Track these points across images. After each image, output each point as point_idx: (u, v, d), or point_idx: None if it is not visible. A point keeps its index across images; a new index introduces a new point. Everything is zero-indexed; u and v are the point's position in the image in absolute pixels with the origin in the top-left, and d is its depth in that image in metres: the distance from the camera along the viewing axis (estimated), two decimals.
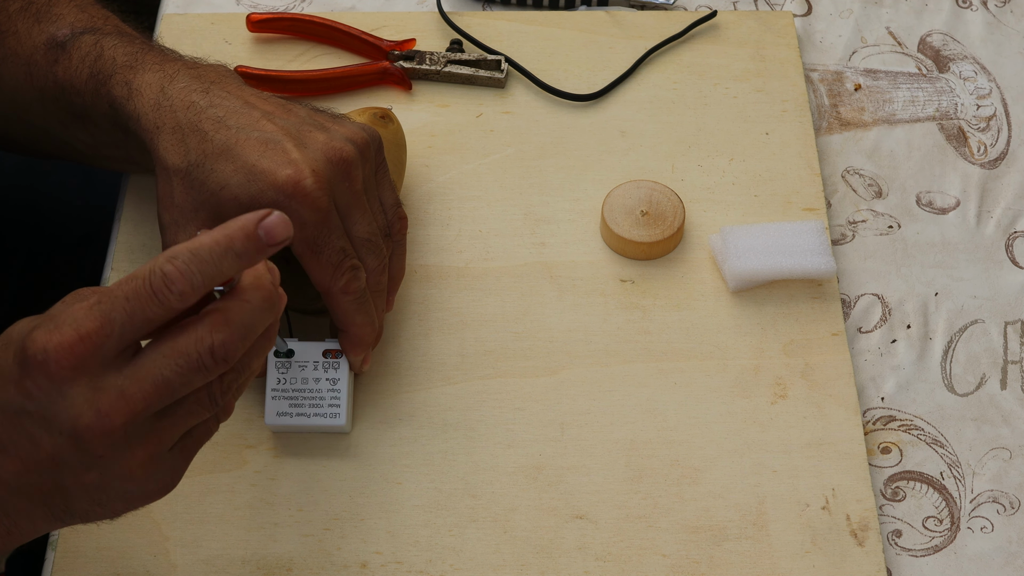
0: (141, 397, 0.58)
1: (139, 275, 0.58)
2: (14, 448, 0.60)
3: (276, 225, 0.59)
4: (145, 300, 0.58)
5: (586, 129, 0.92)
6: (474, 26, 0.97)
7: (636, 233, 0.85)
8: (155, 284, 0.58)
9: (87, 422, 0.58)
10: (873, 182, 0.91)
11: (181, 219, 0.72)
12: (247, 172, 0.70)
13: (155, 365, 0.59)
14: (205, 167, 0.71)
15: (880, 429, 0.80)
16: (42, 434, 0.59)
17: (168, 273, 0.58)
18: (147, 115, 0.73)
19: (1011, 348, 0.83)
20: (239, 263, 0.59)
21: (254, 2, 1.00)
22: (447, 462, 0.78)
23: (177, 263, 0.58)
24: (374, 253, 0.74)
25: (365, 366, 0.78)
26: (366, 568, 0.74)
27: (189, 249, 0.58)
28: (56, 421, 0.58)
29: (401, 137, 0.86)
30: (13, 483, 0.60)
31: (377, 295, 0.76)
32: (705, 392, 0.80)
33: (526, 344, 0.82)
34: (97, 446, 0.59)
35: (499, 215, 0.88)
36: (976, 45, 0.98)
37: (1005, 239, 0.88)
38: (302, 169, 0.70)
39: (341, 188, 0.72)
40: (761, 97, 0.94)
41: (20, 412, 0.59)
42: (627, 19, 0.98)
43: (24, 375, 0.58)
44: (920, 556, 0.76)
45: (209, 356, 0.59)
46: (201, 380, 0.60)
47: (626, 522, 0.76)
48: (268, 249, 0.59)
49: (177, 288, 0.58)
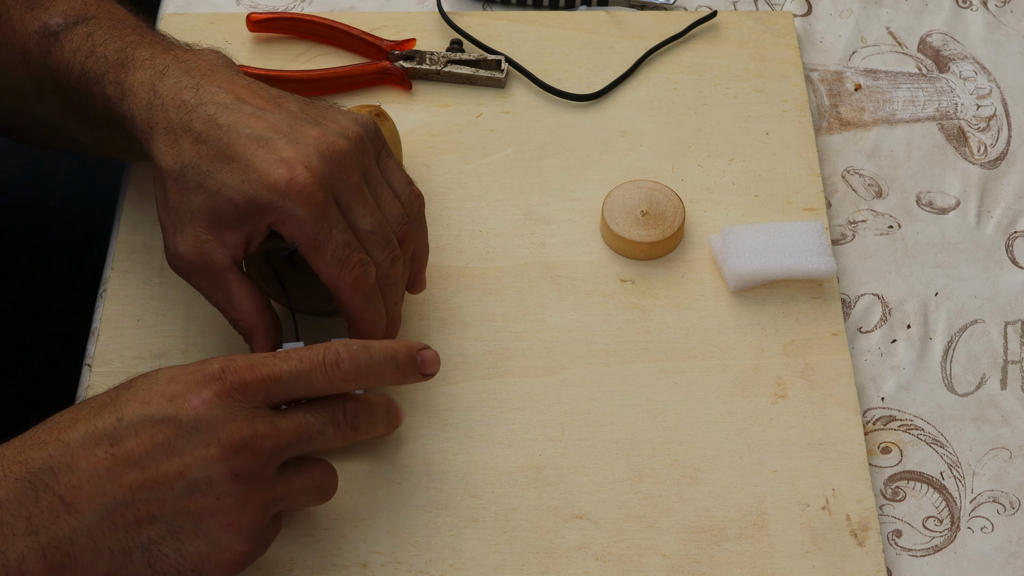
0: (287, 432, 0.65)
1: (315, 347, 0.66)
2: (147, 459, 0.63)
3: (429, 358, 0.70)
4: (314, 369, 0.66)
5: (586, 129, 0.92)
6: (474, 26, 0.97)
7: (636, 233, 0.85)
8: (328, 359, 0.66)
9: (243, 435, 0.63)
10: (873, 182, 0.91)
11: (178, 222, 0.72)
12: (241, 174, 0.70)
13: (300, 410, 0.67)
14: (200, 169, 0.71)
15: (880, 429, 0.80)
16: (184, 443, 0.63)
17: (342, 354, 0.66)
18: (140, 116, 0.73)
19: (1011, 348, 0.83)
20: (396, 375, 0.69)
21: (254, 2, 1.00)
22: (447, 462, 0.78)
23: (351, 349, 0.66)
24: (381, 245, 0.73)
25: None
26: (366, 568, 0.74)
27: (363, 343, 0.67)
28: (211, 432, 0.63)
29: (395, 134, 0.86)
30: (113, 502, 0.62)
31: (390, 287, 0.74)
32: (705, 392, 0.80)
33: (526, 344, 0.82)
34: (241, 461, 0.63)
35: (499, 215, 0.88)
36: (976, 45, 0.98)
37: (1005, 239, 0.88)
38: (295, 167, 0.70)
39: (338, 182, 0.71)
40: (761, 97, 0.94)
41: (165, 420, 0.63)
42: (627, 19, 0.98)
43: (191, 388, 0.63)
44: (920, 556, 0.76)
45: (342, 413, 0.68)
46: (332, 434, 0.67)
47: (626, 522, 0.76)
48: (420, 377, 0.70)
49: (344, 368, 0.66)
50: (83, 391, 0.80)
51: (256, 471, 0.64)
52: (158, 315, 0.83)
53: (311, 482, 0.69)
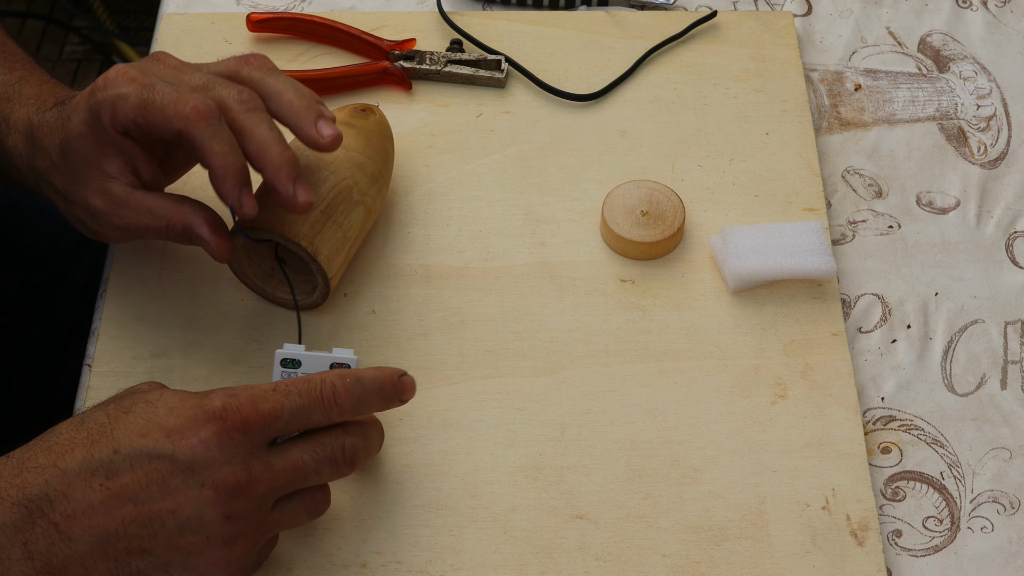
0: (283, 473, 0.66)
1: (312, 380, 0.67)
2: (141, 495, 0.63)
3: (408, 385, 0.71)
4: (313, 404, 0.67)
5: (586, 129, 0.92)
6: (474, 26, 0.97)
7: (636, 233, 0.85)
8: (325, 394, 0.67)
9: (238, 479, 0.64)
10: (873, 182, 0.91)
11: (73, 192, 0.76)
12: (78, 109, 0.74)
13: (297, 449, 0.67)
14: (61, 141, 0.76)
15: (880, 429, 0.80)
16: (179, 483, 0.63)
17: (338, 388, 0.67)
18: (23, 147, 0.78)
19: (1011, 348, 0.83)
20: (381, 404, 0.70)
21: (254, 2, 1.00)
22: (447, 462, 0.78)
23: (346, 382, 0.68)
24: (221, 85, 0.73)
25: (247, 207, 0.73)
26: (366, 568, 0.74)
27: (356, 375, 0.69)
28: (206, 472, 0.64)
29: (386, 127, 0.86)
30: (106, 534, 0.63)
31: (250, 113, 0.73)
32: (705, 392, 0.80)
33: (526, 344, 0.82)
34: (234, 505, 0.64)
35: (499, 215, 0.88)
36: (976, 45, 0.98)
37: (1005, 239, 0.88)
38: (117, 66, 0.74)
39: (155, 66, 0.74)
40: (761, 97, 0.94)
41: (162, 457, 0.64)
42: (627, 19, 0.98)
43: (190, 425, 0.64)
44: (920, 556, 0.76)
45: (340, 451, 0.68)
46: (328, 472, 0.68)
47: (626, 522, 0.76)
48: (400, 403, 0.71)
49: (340, 403, 0.68)
50: (83, 391, 0.80)
51: (249, 513, 0.65)
52: (158, 315, 0.83)
53: (303, 507, 0.70)
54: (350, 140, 0.82)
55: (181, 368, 0.81)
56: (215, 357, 0.81)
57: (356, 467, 0.70)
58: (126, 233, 0.77)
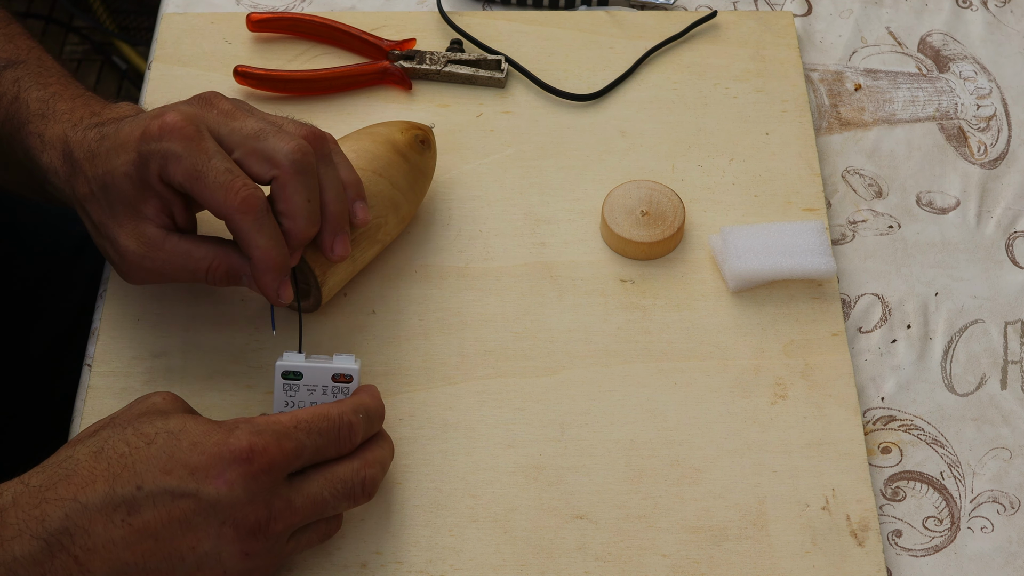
0: (301, 509, 0.67)
1: (331, 418, 0.69)
2: (163, 532, 0.64)
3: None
4: (331, 441, 0.69)
5: (586, 129, 0.92)
6: (474, 26, 0.97)
7: (636, 233, 0.85)
8: (343, 433, 0.69)
9: (259, 518, 0.65)
10: (873, 182, 0.91)
11: (108, 230, 0.75)
12: (124, 149, 0.73)
13: (316, 485, 0.68)
14: (101, 170, 0.74)
15: (880, 429, 0.80)
16: (201, 520, 0.64)
17: (354, 426, 0.69)
18: (59, 165, 0.77)
19: (1011, 348, 0.83)
20: (378, 427, 0.73)
21: (254, 2, 1.00)
22: (447, 462, 0.78)
23: (359, 418, 0.70)
24: (274, 136, 0.73)
25: (284, 298, 0.74)
26: (366, 568, 0.74)
27: (366, 410, 0.71)
28: (228, 511, 0.64)
29: (432, 167, 0.86)
30: (124, 567, 0.63)
31: (301, 176, 0.73)
32: (705, 392, 0.80)
33: (526, 344, 0.82)
34: (253, 544, 0.65)
35: (499, 215, 0.88)
36: (976, 45, 0.98)
37: (1005, 239, 0.88)
38: (163, 115, 0.72)
39: (209, 114, 0.73)
40: (761, 97, 0.94)
41: (186, 496, 0.64)
42: (627, 19, 0.98)
43: (215, 464, 0.64)
44: (920, 556, 0.76)
45: (360, 486, 0.70)
46: (346, 505, 0.70)
47: (626, 522, 0.76)
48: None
49: (354, 439, 0.70)
50: (83, 391, 0.80)
51: (267, 550, 0.66)
52: (158, 315, 0.83)
53: (316, 535, 0.71)
54: (398, 177, 0.82)
55: (181, 368, 0.81)
56: (215, 357, 0.81)
57: (373, 496, 0.71)
58: (154, 276, 0.76)
